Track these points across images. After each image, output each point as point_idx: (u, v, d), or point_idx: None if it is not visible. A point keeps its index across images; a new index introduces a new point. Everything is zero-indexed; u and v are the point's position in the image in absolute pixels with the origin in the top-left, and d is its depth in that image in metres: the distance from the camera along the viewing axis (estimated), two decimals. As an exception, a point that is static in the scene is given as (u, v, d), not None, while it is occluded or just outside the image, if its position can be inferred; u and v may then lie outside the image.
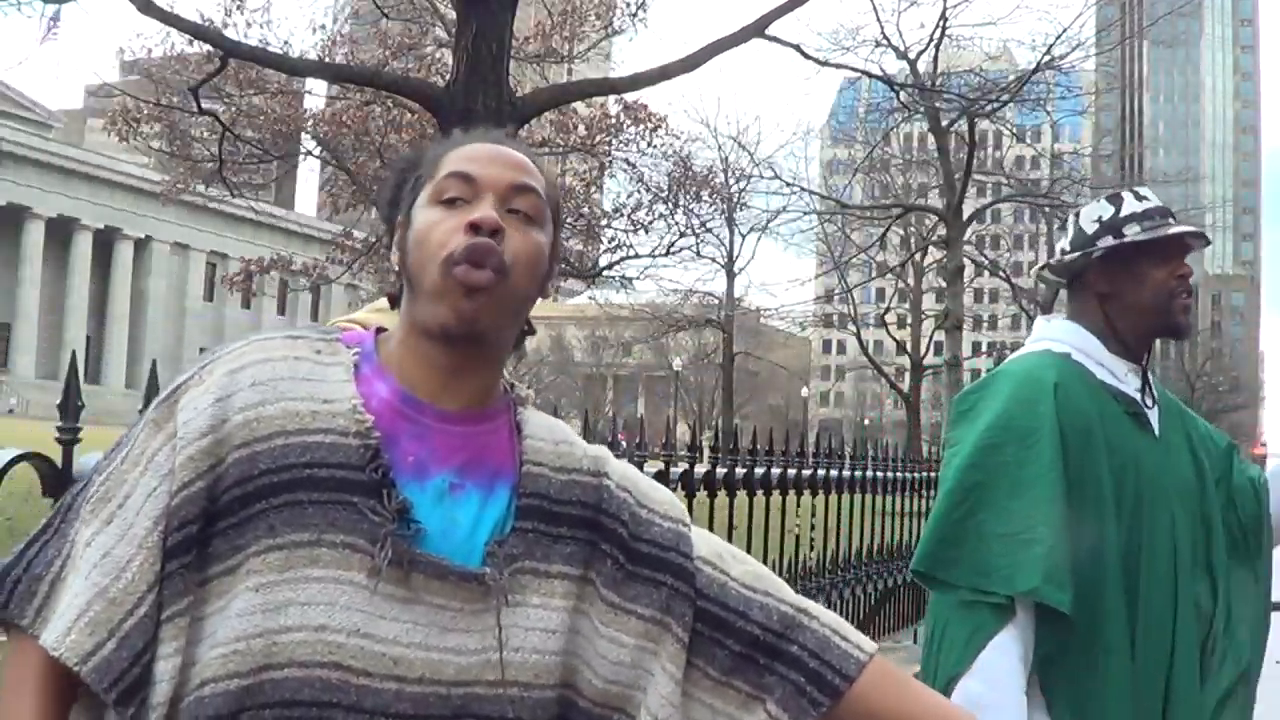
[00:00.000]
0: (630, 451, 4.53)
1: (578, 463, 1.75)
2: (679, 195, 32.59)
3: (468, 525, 1.63)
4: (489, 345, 1.68)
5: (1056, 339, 2.86)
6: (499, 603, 1.60)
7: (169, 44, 26.80)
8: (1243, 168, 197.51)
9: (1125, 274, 2.82)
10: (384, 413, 1.63)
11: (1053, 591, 2.54)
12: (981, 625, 2.59)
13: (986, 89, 30.08)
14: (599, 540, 1.72)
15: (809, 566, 6.27)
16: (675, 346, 64.26)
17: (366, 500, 1.56)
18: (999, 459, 2.66)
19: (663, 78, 13.08)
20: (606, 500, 1.74)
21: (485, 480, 1.66)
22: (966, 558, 2.64)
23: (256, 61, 18.79)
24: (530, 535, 1.66)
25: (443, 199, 1.67)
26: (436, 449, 1.64)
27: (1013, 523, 2.60)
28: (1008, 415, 2.70)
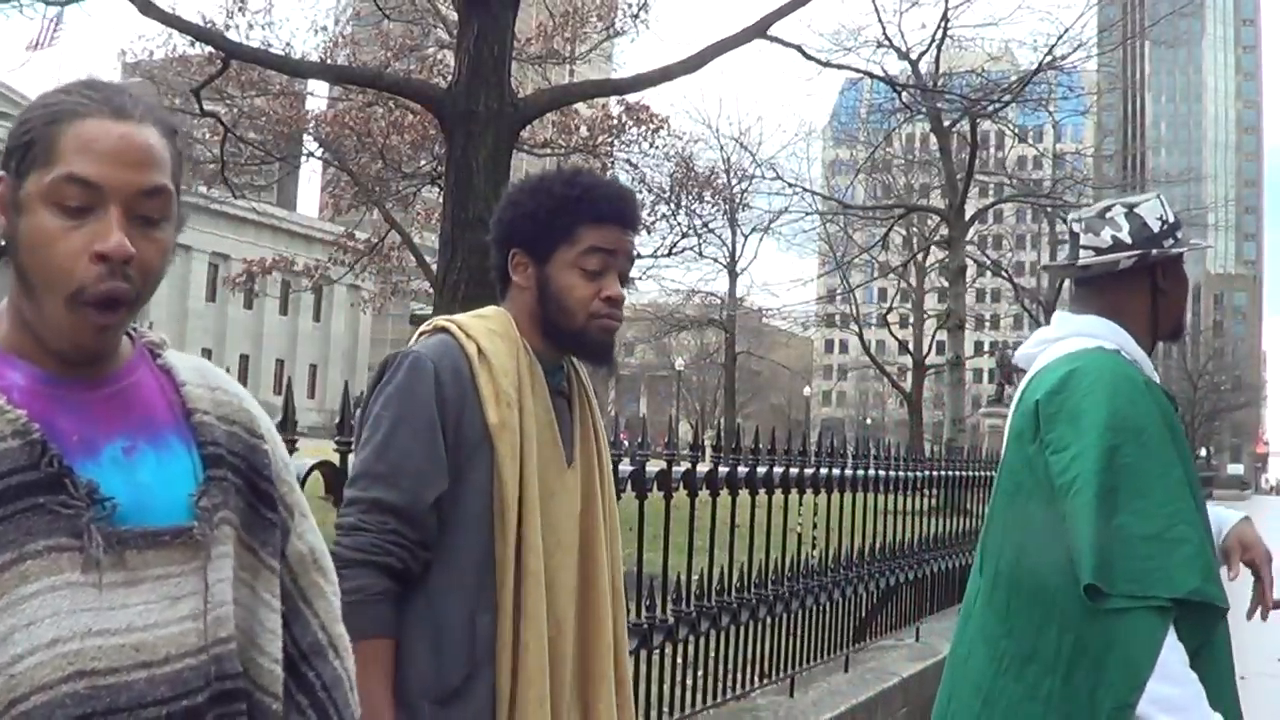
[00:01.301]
0: (633, 451, 4.55)
1: (235, 414, 1.70)
2: (681, 196, 32.65)
3: (155, 485, 1.56)
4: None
5: (1101, 335, 2.87)
6: (205, 557, 1.56)
7: (171, 46, 26.84)
8: (1245, 167, 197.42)
9: (1176, 276, 2.96)
10: (31, 401, 1.52)
11: (1213, 588, 2.58)
12: (1154, 629, 2.54)
13: (988, 89, 30.08)
14: (254, 501, 1.67)
15: (811, 565, 6.28)
16: (678, 346, 64.26)
17: (54, 497, 1.46)
18: (1120, 460, 2.64)
19: (664, 79, 13.09)
20: (263, 464, 1.70)
21: (153, 436, 1.59)
22: (1118, 565, 2.58)
23: (258, 63, 18.81)
24: (225, 484, 1.62)
25: (63, 204, 1.51)
26: (97, 419, 1.56)
27: (1151, 523, 2.59)
28: (1116, 415, 2.68)
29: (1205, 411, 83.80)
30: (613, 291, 2.56)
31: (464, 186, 10.91)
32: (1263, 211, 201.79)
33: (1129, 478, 2.62)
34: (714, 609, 5.17)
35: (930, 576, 8.14)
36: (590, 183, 2.61)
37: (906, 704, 6.71)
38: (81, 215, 1.51)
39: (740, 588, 5.46)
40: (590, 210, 2.55)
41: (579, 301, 2.54)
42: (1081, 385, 2.74)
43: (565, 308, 2.55)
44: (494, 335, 2.54)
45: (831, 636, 6.67)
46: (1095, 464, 2.64)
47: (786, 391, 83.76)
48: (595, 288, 2.55)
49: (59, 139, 1.52)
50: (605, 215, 2.56)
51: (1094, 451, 2.65)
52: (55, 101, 1.56)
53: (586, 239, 2.54)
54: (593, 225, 2.55)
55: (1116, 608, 2.55)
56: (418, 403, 2.44)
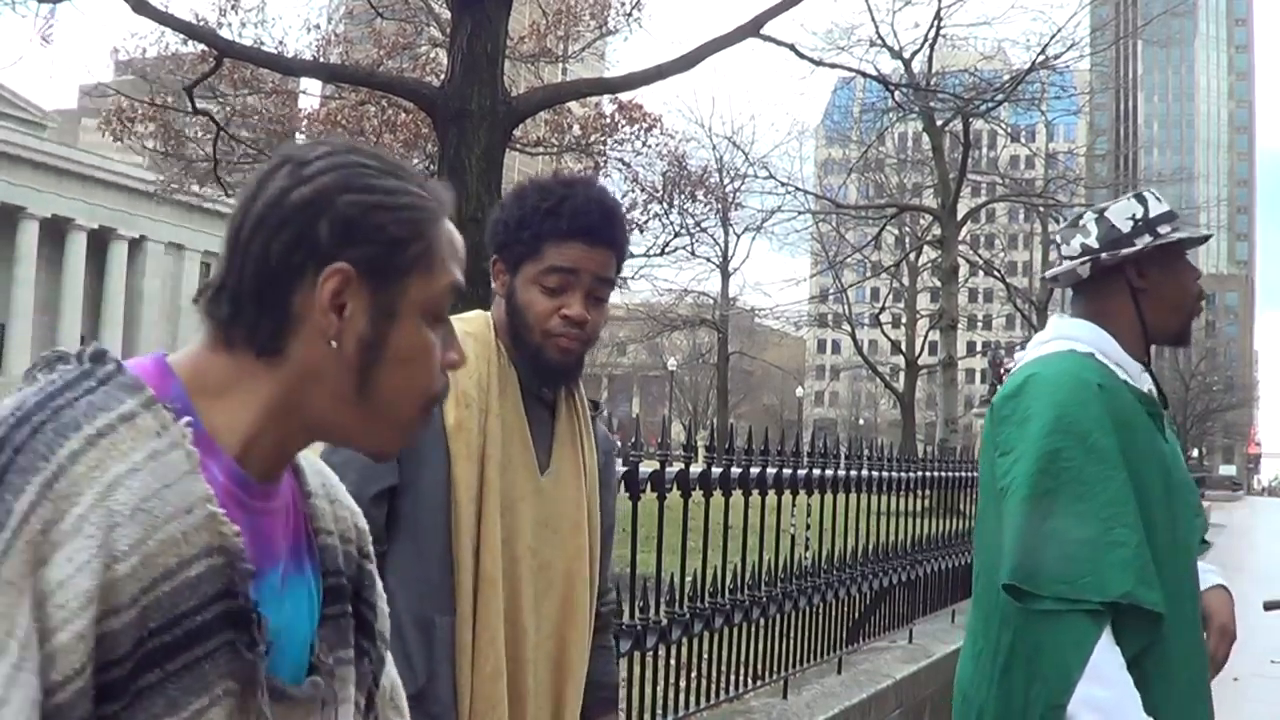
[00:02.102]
0: (625, 451, 4.53)
1: (347, 529, 1.52)
2: (674, 195, 32.67)
3: (294, 622, 1.38)
4: None
5: (1078, 339, 2.86)
6: (332, 714, 1.41)
7: (163, 44, 26.80)
8: (1237, 167, 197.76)
9: (1162, 272, 2.88)
10: (226, 504, 1.30)
11: (1146, 593, 2.56)
12: (1086, 632, 2.56)
13: (981, 89, 30.14)
14: (358, 633, 1.50)
15: (804, 566, 6.27)
16: (670, 346, 64.26)
17: (240, 635, 1.27)
18: (1062, 463, 2.65)
19: (657, 77, 13.07)
20: (367, 588, 1.53)
21: (299, 561, 1.42)
22: (1049, 567, 2.61)
23: (251, 61, 18.79)
24: (340, 621, 1.46)
25: (432, 313, 1.41)
26: (266, 537, 1.36)
27: (1089, 526, 2.59)
28: (1062, 418, 2.68)
29: (1197, 412, 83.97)
30: (571, 311, 2.47)
31: (457, 185, 10.81)
32: (1255, 211, 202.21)
33: (1069, 481, 2.63)
34: (707, 610, 5.16)
35: (924, 578, 8.13)
36: (564, 194, 2.51)
37: (900, 705, 6.70)
38: (437, 330, 1.41)
39: (733, 589, 5.45)
40: (554, 226, 2.47)
41: (536, 318, 2.48)
42: (1034, 389, 2.77)
43: (524, 323, 2.49)
44: (467, 337, 2.44)
45: (825, 638, 6.66)
46: (1032, 465, 2.67)
47: (779, 392, 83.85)
48: (554, 305, 2.48)
49: (438, 256, 1.40)
50: (570, 232, 2.47)
51: (1034, 453, 2.68)
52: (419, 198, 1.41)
53: (549, 257, 2.47)
54: (556, 242, 2.47)
55: (1048, 609, 2.59)
56: None
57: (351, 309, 1.34)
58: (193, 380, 1.34)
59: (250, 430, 1.34)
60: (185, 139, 27.69)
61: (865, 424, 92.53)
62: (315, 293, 1.33)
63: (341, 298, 1.33)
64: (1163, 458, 2.77)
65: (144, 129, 27.21)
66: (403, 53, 27.66)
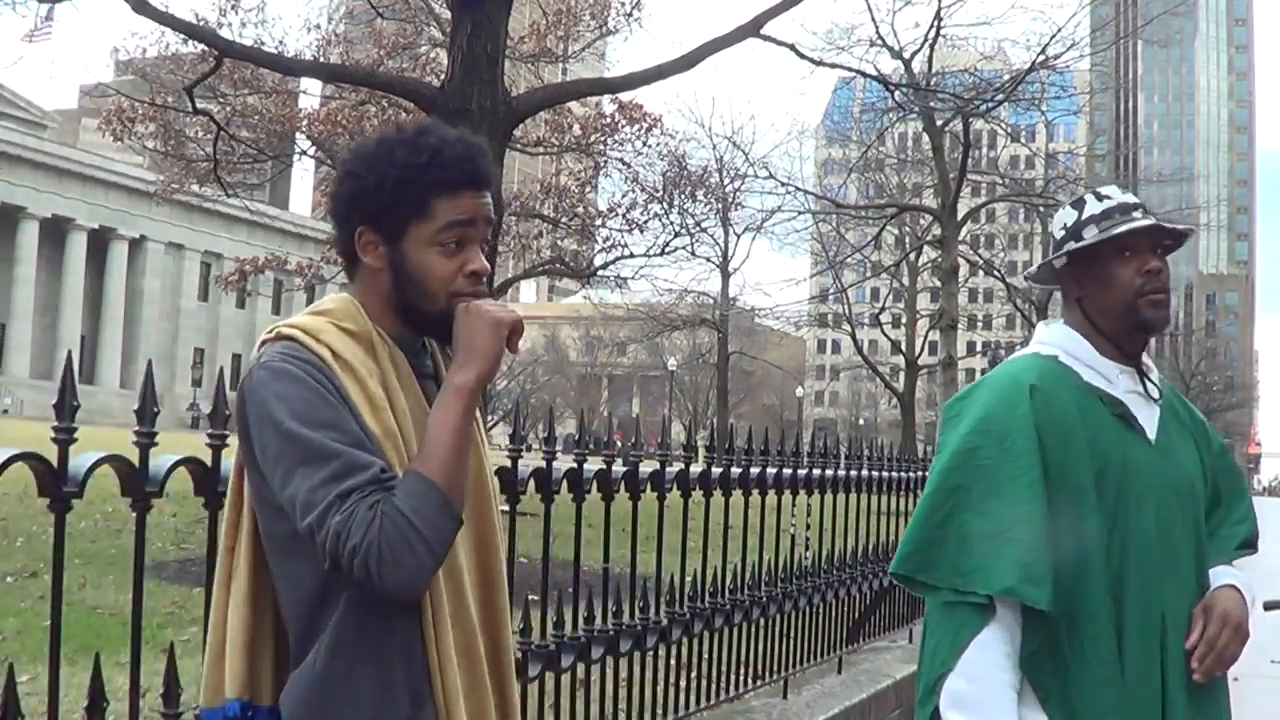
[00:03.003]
0: (626, 451, 4.53)
1: None
2: (674, 195, 32.60)
3: None
4: None
5: (1047, 342, 2.89)
6: None
7: (164, 44, 26.79)
8: (1237, 167, 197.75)
9: (1091, 277, 2.84)
10: None
11: (1030, 589, 2.57)
12: (964, 625, 2.64)
13: (981, 89, 30.11)
14: None
15: (804, 566, 6.27)
16: (670, 346, 64.27)
17: None
18: (977, 461, 2.71)
19: (658, 77, 13.07)
20: None
21: None
22: (947, 559, 2.69)
23: (251, 61, 18.79)
24: None
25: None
26: None
27: (993, 522, 2.64)
28: (986, 418, 2.74)
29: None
30: (476, 265, 2.30)
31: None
32: (1255, 211, 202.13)
33: (981, 478, 2.68)
34: (707, 610, 5.16)
35: (923, 577, 8.13)
36: (437, 144, 2.30)
37: (900, 705, 6.70)
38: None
39: (733, 589, 5.45)
40: (441, 179, 2.27)
41: (440, 281, 2.28)
42: (976, 392, 2.85)
43: (426, 291, 2.29)
44: (344, 335, 2.28)
45: (825, 638, 6.66)
46: (947, 461, 2.76)
47: (779, 392, 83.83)
48: (457, 264, 2.29)
49: None
50: (459, 182, 2.29)
51: (951, 450, 2.77)
52: None
53: (442, 213, 2.27)
54: (447, 196, 2.28)
55: (943, 600, 2.69)
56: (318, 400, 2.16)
57: None
58: None
59: None
60: (185, 139, 27.63)
61: (865, 424, 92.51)
62: None
63: None
64: (1122, 460, 2.72)
65: (144, 129, 27.17)
66: (403, 53, 27.64)
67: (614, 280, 35.47)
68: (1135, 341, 2.85)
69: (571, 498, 4.12)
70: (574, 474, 4.09)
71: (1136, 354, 2.87)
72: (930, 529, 2.73)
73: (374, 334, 2.30)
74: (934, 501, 2.75)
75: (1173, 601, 2.73)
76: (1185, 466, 2.86)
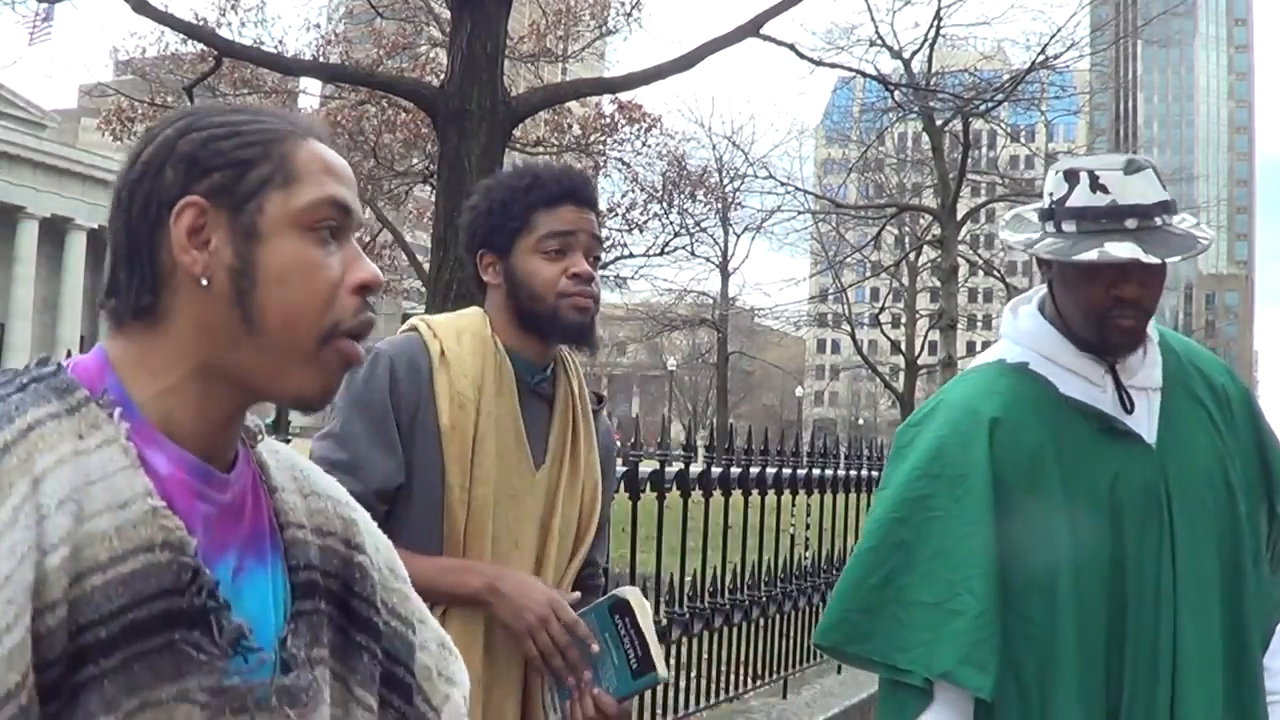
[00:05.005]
0: (625, 451, 4.54)
1: (330, 524, 1.45)
2: (673, 195, 32.66)
3: (258, 614, 1.31)
4: None
5: (1017, 339, 2.47)
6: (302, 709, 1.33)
7: (163, 43, 26.79)
8: (1237, 167, 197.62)
9: (1060, 278, 2.39)
10: (175, 497, 1.25)
11: (971, 675, 2.23)
12: (904, 707, 2.32)
13: (981, 88, 30.08)
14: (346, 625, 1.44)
15: (804, 566, 6.28)
16: (670, 346, 64.22)
17: (189, 634, 1.21)
18: (926, 513, 2.33)
19: (657, 77, 13.05)
20: (359, 581, 1.47)
21: (258, 552, 1.35)
22: (884, 630, 2.33)
23: (251, 61, 18.77)
24: (313, 618, 1.39)
25: (314, 228, 1.33)
26: (216, 526, 1.30)
27: (937, 589, 2.28)
28: (937, 459, 2.36)
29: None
30: (579, 268, 2.52)
31: (456, 185, 10.87)
32: (1254, 211, 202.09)
33: (933, 535, 2.31)
34: (707, 610, 5.16)
35: (923, 577, 8.14)
36: (538, 170, 2.61)
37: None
38: (332, 248, 1.34)
39: (733, 589, 5.45)
40: (541, 195, 2.54)
41: (546, 283, 2.50)
42: (928, 418, 2.46)
43: (533, 293, 2.51)
44: (462, 333, 2.53)
45: (824, 637, 6.66)
46: (889, 512, 2.39)
47: (779, 391, 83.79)
48: (560, 267, 2.51)
49: (306, 165, 1.35)
50: (556, 197, 2.54)
51: (892, 499, 2.40)
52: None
53: (543, 224, 2.52)
54: (546, 210, 2.53)
55: (882, 676, 2.38)
56: (373, 395, 2.44)
57: (214, 242, 1.29)
58: (125, 370, 1.30)
59: (175, 405, 1.29)
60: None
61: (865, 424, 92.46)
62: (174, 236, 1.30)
63: (202, 233, 1.29)
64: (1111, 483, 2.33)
65: (144, 129, 27.17)
66: (402, 52, 27.64)
67: (614, 280, 35.50)
68: (1105, 350, 2.39)
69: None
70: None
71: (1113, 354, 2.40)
72: (865, 593, 2.36)
73: (491, 343, 2.53)
74: (872, 559, 2.37)
75: (1190, 635, 2.31)
76: (1199, 463, 2.41)
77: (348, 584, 1.45)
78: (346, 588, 1.45)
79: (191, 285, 1.29)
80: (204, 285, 1.28)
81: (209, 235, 1.29)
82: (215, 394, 1.30)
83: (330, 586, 1.43)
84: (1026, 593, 2.29)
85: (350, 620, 1.44)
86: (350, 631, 1.44)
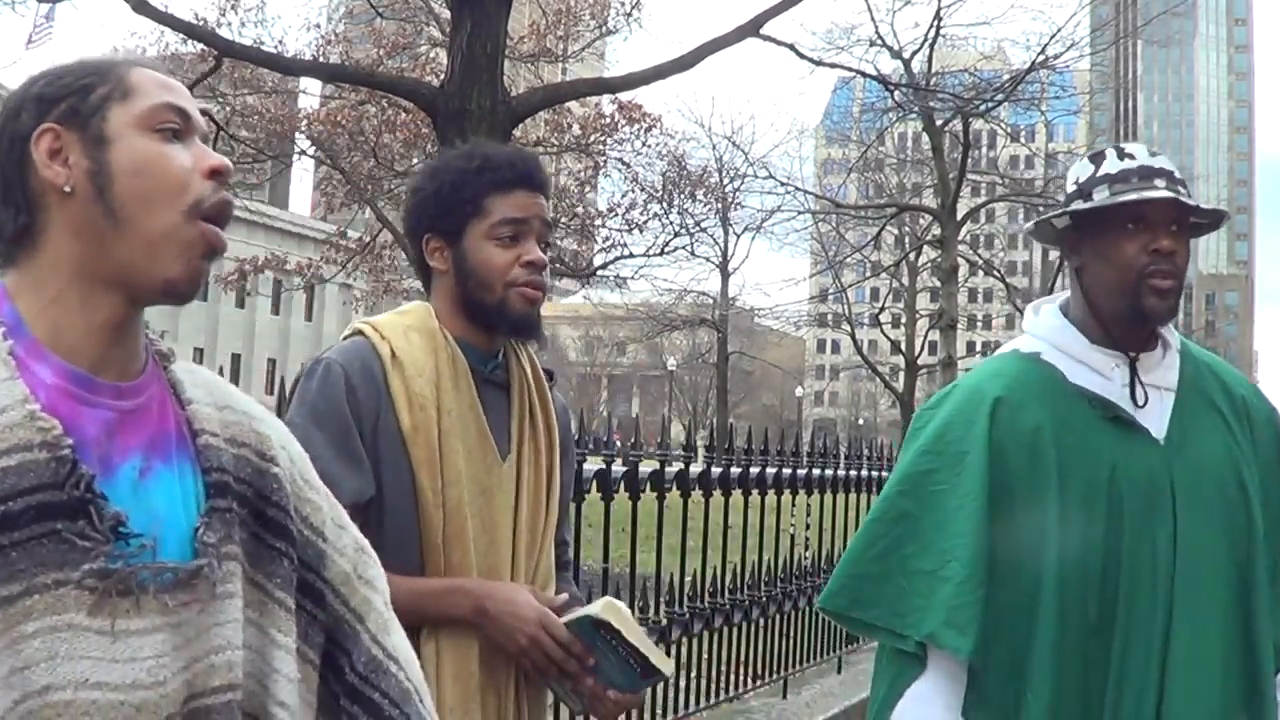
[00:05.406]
0: (625, 451, 4.53)
1: (244, 436, 1.57)
2: (673, 195, 32.60)
3: (166, 514, 1.43)
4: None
5: (1034, 333, 2.53)
6: (210, 598, 1.43)
7: (163, 43, 26.73)
8: (1237, 167, 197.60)
9: (1093, 246, 2.43)
10: (58, 403, 1.38)
11: (951, 636, 2.29)
12: (900, 674, 2.39)
13: (981, 88, 30.07)
14: (260, 531, 1.55)
15: (804, 566, 6.27)
16: (670, 346, 64.22)
17: (73, 524, 1.32)
18: (930, 486, 2.42)
19: (657, 77, 13.07)
20: (274, 490, 1.57)
21: (166, 456, 1.47)
22: (887, 597, 2.41)
23: (251, 61, 18.77)
24: (226, 515, 1.49)
25: (157, 128, 1.48)
26: (117, 432, 1.42)
27: (934, 558, 2.36)
28: (942, 437, 2.45)
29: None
30: (533, 256, 2.45)
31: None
32: (1254, 211, 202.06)
33: (932, 507, 2.40)
34: (707, 610, 5.16)
35: (923, 577, 8.14)
36: (488, 152, 2.53)
37: (899, 705, 6.70)
38: (179, 141, 1.52)
39: (733, 589, 5.45)
40: (494, 178, 2.46)
41: (497, 271, 2.44)
42: (942, 401, 2.55)
43: (483, 280, 2.45)
44: (410, 331, 2.45)
45: (824, 638, 6.67)
46: (895, 486, 2.49)
47: (779, 392, 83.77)
48: (513, 254, 2.45)
49: (131, 77, 1.51)
50: (510, 181, 2.47)
51: (903, 471, 2.49)
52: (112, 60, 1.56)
53: (497, 210, 2.45)
54: (499, 194, 2.46)
55: (881, 641, 2.47)
56: (331, 408, 2.36)
57: (72, 157, 1.45)
58: (18, 295, 1.45)
59: (60, 315, 1.43)
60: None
61: (865, 424, 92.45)
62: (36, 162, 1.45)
63: (61, 154, 1.45)
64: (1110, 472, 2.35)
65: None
66: (402, 52, 27.62)
67: (613, 280, 35.45)
68: (1131, 332, 2.43)
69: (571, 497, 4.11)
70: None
71: (1135, 343, 2.44)
72: (868, 562, 2.45)
73: (439, 336, 2.45)
74: (877, 529, 2.47)
75: (1185, 632, 2.31)
76: (1212, 464, 2.41)
77: (261, 492, 1.56)
78: (261, 496, 1.56)
79: (58, 197, 1.45)
80: (68, 192, 1.44)
81: (67, 154, 1.46)
82: (95, 300, 1.44)
83: (244, 493, 1.53)
84: (1013, 568, 2.34)
85: (266, 527, 1.56)
86: (267, 538, 1.55)
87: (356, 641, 1.65)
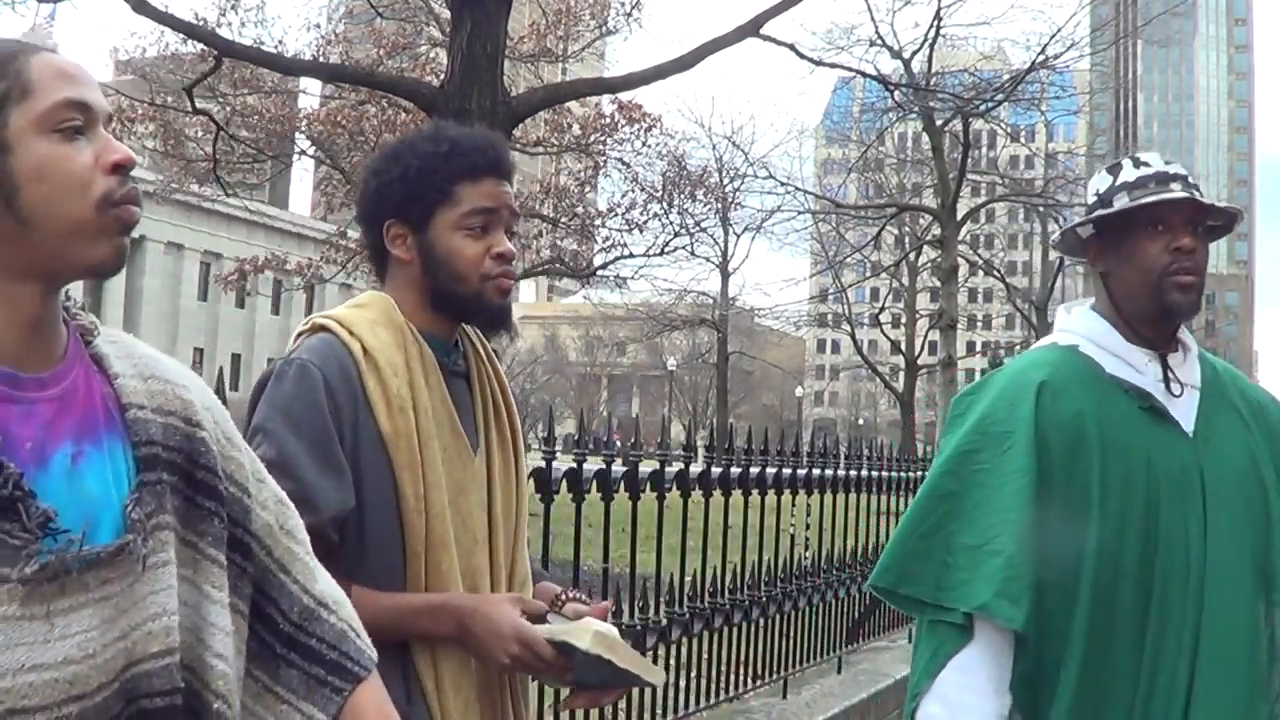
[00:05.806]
0: (625, 451, 4.53)
1: (170, 404, 1.59)
2: (673, 195, 32.56)
3: (100, 495, 1.46)
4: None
5: (1069, 328, 2.65)
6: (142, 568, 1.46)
7: (163, 43, 26.78)
8: (1237, 167, 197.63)
9: (1117, 251, 2.57)
10: None
11: (1004, 607, 2.37)
12: (943, 644, 2.46)
13: (981, 88, 30.11)
14: (192, 494, 1.58)
15: (804, 566, 6.27)
16: (670, 346, 64.30)
17: (2, 523, 1.35)
18: (974, 465, 2.50)
19: (657, 77, 13.07)
20: (203, 454, 1.60)
21: (96, 438, 1.49)
22: (931, 572, 2.49)
23: (251, 61, 18.77)
24: (157, 487, 1.52)
25: (57, 128, 1.47)
26: (47, 422, 1.44)
27: (979, 533, 2.44)
28: (987, 419, 2.53)
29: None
30: (503, 248, 2.38)
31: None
32: (1254, 211, 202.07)
33: (976, 485, 2.48)
34: (707, 610, 5.16)
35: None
36: (456, 135, 2.43)
37: (899, 705, 6.69)
38: (80, 139, 1.49)
39: (733, 589, 5.45)
40: (464, 165, 2.38)
41: (470, 263, 2.36)
42: (983, 390, 2.63)
43: (456, 273, 2.37)
44: (375, 325, 2.35)
45: (825, 637, 6.66)
46: (943, 466, 2.56)
47: (779, 392, 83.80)
48: (484, 246, 2.38)
49: (27, 70, 1.48)
50: (481, 169, 2.39)
51: (946, 455, 2.57)
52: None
53: (467, 199, 2.37)
54: (469, 182, 2.38)
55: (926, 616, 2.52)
56: (310, 413, 2.25)
57: None
58: None
59: None
60: (185, 139, 27.60)
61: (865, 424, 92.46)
62: None
63: None
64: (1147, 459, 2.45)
65: (144, 129, 27.11)
66: (402, 52, 27.62)
67: (613, 280, 35.45)
68: (1158, 328, 2.56)
69: (571, 498, 4.12)
70: (573, 474, 4.09)
71: (1163, 343, 2.58)
72: (916, 540, 2.53)
73: (406, 330, 2.36)
74: (924, 508, 2.55)
75: (1216, 618, 2.40)
76: (1235, 459, 2.53)
77: (191, 457, 1.59)
78: (191, 460, 1.59)
79: None
80: None
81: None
82: (16, 295, 1.45)
83: (174, 460, 1.56)
84: (1053, 547, 2.42)
85: (197, 489, 1.59)
86: (198, 499, 1.58)
87: (284, 591, 1.69)
